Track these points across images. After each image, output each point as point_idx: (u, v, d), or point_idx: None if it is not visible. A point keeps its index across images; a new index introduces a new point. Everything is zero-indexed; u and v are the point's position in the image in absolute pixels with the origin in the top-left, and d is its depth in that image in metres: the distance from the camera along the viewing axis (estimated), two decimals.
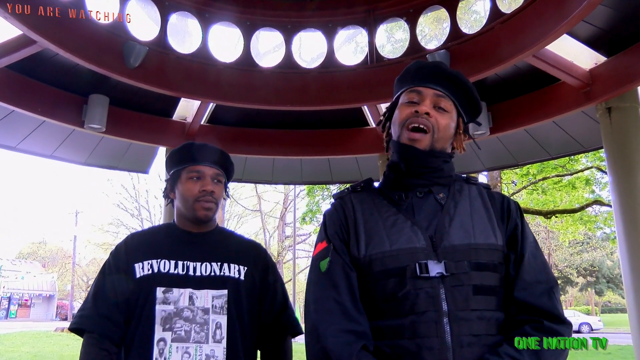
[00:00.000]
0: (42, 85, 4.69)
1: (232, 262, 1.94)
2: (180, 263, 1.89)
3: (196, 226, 1.99)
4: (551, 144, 5.54)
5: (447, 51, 4.46)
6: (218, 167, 2.01)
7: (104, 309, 1.83)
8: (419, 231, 1.37)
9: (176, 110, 5.48)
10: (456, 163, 1.56)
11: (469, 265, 1.32)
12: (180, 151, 2.03)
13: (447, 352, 1.24)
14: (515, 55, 3.99)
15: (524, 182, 19.63)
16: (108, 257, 1.99)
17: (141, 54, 4.30)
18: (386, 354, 1.28)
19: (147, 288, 1.83)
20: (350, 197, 1.52)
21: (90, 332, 1.82)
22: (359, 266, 1.37)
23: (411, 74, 1.52)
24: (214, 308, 1.84)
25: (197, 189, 1.93)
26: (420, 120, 1.42)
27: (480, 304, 1.31)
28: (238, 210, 31.44)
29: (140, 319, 1.81)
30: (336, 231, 1.45)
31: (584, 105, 4.43)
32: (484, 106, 5.03)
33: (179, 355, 1.77)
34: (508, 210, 1.48)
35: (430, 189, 1.46)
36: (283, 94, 4.85)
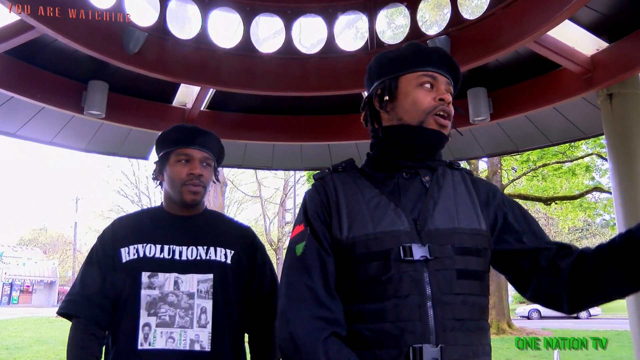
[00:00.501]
0: (41, 71, 4.67)
1: (219, 246, 1.93)
2: (166, 247, 1.88)
3: (184, 209, 1.97)
4: (551, 131, 5.52)
5: (447, 37, 4.44)
6: (207, 151, 1.99)
7: (91, 294, 1.84)
8: (403, 214, 1.35)
9: (176, 96, 5.46)
10: (456, 149, 1.56)
11: (452, 249, 1.32)
12: (169, 133, 2.01)
13: (430, 336, 1.24)
14: (517, 41, 3.97)
15: (524, 168, 19.64)
16: (95, 242, 1.99)
17: (140, 40, 4.28)
18: (367, 338, 1.27)
19: (132, 273, 1.83)
20: (332, 177, 1.49)
21: (78, 317, 1.83)
22: (341, 248, 1.34)
23: (421, 56, 1.48)
24: (199, 292, 1.83)
25: (185, 172, 1.91)
26: (446, 109, 1.44)
27: (464, 288, 1.31)
28: (238, 197, 31.53)
29: (126, 304, 1.82)
30: (317, 212, 1.42)
31: (585, 91, 4.41)
32: (485, 92, 5.01)
33: (164, 340, 1.76)
34: (493, 196, 1.50)
35: (417, 171, 1.46)
36: (283, 79, 4.83)
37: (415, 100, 1.44)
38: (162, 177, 2.01)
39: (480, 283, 1.36)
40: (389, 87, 1.48)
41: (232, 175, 27.93)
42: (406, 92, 1.46)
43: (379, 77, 1.52)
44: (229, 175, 25.39)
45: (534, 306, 28.77)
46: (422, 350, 1.22)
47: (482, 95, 5.00)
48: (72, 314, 1.85)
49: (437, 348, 1.23)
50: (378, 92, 1.51)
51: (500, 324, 17.64)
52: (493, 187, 1.55)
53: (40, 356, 12.10)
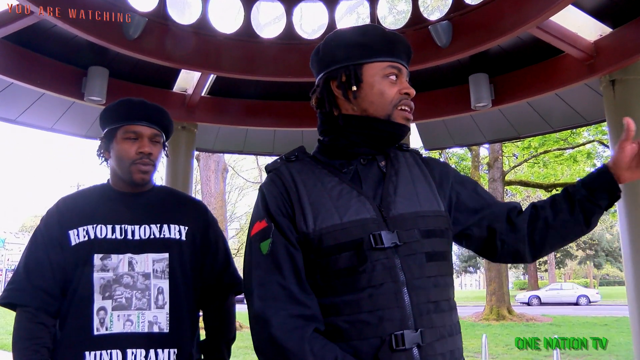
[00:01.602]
0: (41, 57, 4.65)
1: (173, 223, 1.85)
2: (117, 227, 1.79)
3: (132, 187, 1.88)
4: (553, 117, 5.51)
5: (449, 22, 4.41)
6: (156, 127, 1.88)
7: (38, 281, 1.73)
8: (367, 201, 1.33)
9: (176, 82, 5.44)
10: (457, 135, 1.56)
11: (419, 233, 1.31)
12: (116, 108, 1.89)
13: (408, 321, 1.23)
14: (519, 27, 3.94)
15: (525, 155, 19.61)
16: (39, 224, 1.86)
17: (140, 26, 4.25)
18: (343, 330, 1.25)
19: (83, 256, 1.73)
20: (287, 167, 1.42)
21: (23, 306, 1.72)
22: (308, 242, 1.30)
23: (388, 45, 1.42)
24: (155, 272, 1.76)
25: (134, 150, 1.81)
26: (410, 103, 1.41)
27: (434, 271, 1.31)
28: (239, 183, 31.52)
29: (78, 289, 1.72)
30: (278, 206, 1.35)
31: (588, 77, 4.39)
32: (486, 78, 4.99)
33: (121, 324, 1.69)
34: (446, 176, 1.51)
35: (374, 156, 1.43)
36: (284, 65, 4.81)
37: (381, 93, 1.39)
38: (108, 154, 1.89)
39: (447, 263, 1.37)
40: (355, 75, 1.40)
41: (233, 161, 27.94)
42: (371, 82, 1.39)
43: (340, 62, 1.43)
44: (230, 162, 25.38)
45: (534, 292, 28.90)
46: (404, 336, 1.22)
47: (483, 81, 4.99)
48: (17, 303, 1.72)
49: (417, 332, 1.23)
50: (342, 78, 1.41)
51: (501, 310, 17.72)
52: (445, 166, 1.55)
53: None
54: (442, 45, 4.39)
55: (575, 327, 15.41)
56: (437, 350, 1.26)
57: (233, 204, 31.84)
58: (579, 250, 47.14)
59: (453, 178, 1.52)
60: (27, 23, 3.98)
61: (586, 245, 45.65)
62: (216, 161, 17.10)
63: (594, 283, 50.15)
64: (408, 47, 1.46)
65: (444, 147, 7.49)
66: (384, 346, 1.21)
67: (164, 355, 1.72)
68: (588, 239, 43.64)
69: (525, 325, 16.19)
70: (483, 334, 7.79)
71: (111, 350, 1.67)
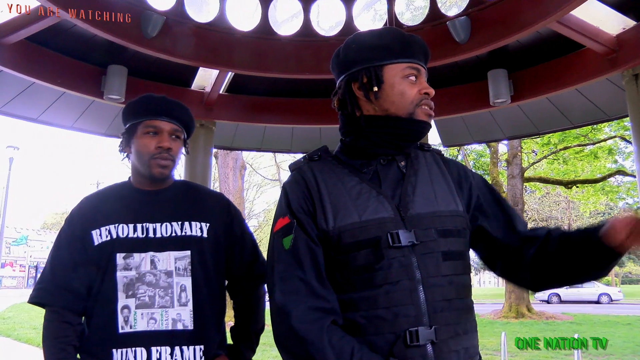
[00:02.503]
0: (61, 56, 4.71)
1: (194, 220, 1.86)
2: (139, 226, 1.80)
3: (152, 184, 1.89)
4: (573, 113, 5.43)
5: (467, 18, 4.37)
6: (177, 123, 1.90)
7: (62, 280, 1.76)
8: (385, 201, 1.37)
9: (195, 79, 5.47)
10: (476, 132, 1.56)
11: (435, 232, 1.35)
12: (137, 103, 1.90)
13: (423, 318, 1.27)
14: (539, 21, 3.89)
15: (544, 151, 19.40)
16: (63, 225, 1.89)
17: (158, 24, 4.28)
18: (361, 325, 1.29)
19: (106, 255, 1.76)
20: (309, 166, 1.47)
21: (51, 306, 1.76)
22: (328, 239, 1.35)
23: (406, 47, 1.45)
24: (177, 270, 1.78)
25: (154, 145, 1.82)
26: (430, 102, 1.44)
27: (450, 269, 1.34)
28: (257, 180, 31.64)
29: (101, 288, 1.75)
30: (300, 204, 1.40)
31: (610, 72, 4.32)
32: (505, 73, 4.94)
33: (145, 322, 1.71)
34: (465, 177, 1.53)
35: (394, 157, 1.46)
36: (301, 62, 4.81)
37: (402, 93, 1.42)
38: (129, 149, 1.90)
39: (463, 262, 1.40)
40: (376, 76, 1.44)
41: (251, 158, 28.06)
42: (392, 83, 1.43)
43: (360, 63, 1.47)
44: (247, 159, 25.49)
45: (553, 290, 28.57)
46: (418, 332, 1.26)
47: (502, 77, 4.94)
48: (44, 302, 1.77)
49: (431, 329, 1.27)
50: (364, 80, 1.45)
51: (520, 308, 17.55)
52: (464, 168, 1.58)
53: None
54: (461, 41, 4.35)
55: (597, 325, 15.20)
56: (452, 348, 1.29)
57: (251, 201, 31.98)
58: None
59: (472, 180, 1.55)
60: (48, 24, 4.03)
61: None
62: (234, 158, 17.18)
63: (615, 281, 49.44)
64: (425, 49, 1.49)
65: (463, 143, 7.44)
66: (398, 342, 1.26)
67: (190, 352, 1.74)
68: None
69: (545, 323, 16.02)
70: (502, 332, 7.72)
71: (136, 348, 1.70)
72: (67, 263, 1.78)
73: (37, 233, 47.93)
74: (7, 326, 14.39)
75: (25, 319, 16.47)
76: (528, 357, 8.51)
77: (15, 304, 22.30)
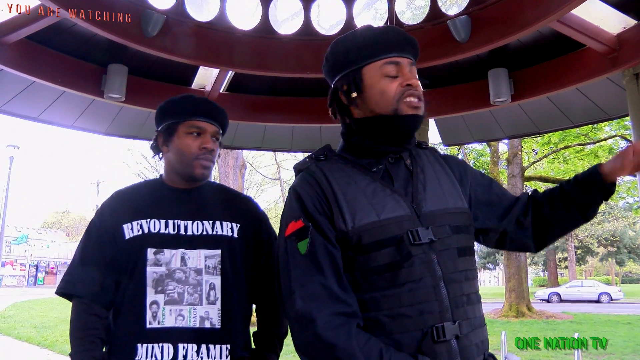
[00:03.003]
0: (62, 55, 4.70)
1: (225, 220, 1.86)
2: (170, 222, 1.80)
3: (186, 183, 1.90)
4: (574, 112, 5.43)
5: (468, 17, 4.37)
6: (217, 125, 1.92)
7: (92, 272, 1.76)
8: (401, 199, 1.37)
9: (195, 78, 5.47)
10: (477, 131, 1.57)
11: (449, 229, 1.37)
12: (178, 103, 1.91)
13: (447, 314, 1.29)
14: (539, 21, 3.88)
15: (545, 150, 19.40)
16: (93, 218, 1.90)
17: (159, 23, 4.28)
18: (384, 325, 1.28)
19: (137, 249, 1.76)
20: (319, 166, 1.45)
21: (79, 297, 1.76)
22: (347, 240, 1.32)
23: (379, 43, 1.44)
24: (207, 268, 1.78)
25: (197, 145, 1.84)
26: (415, 92, 1.41)
27: (464, 265, 1.37)
28: (257, 179, 31.65)
29: (131, 282, 1.75)
30: (315, 205, 1.36)
31: (610, 71, 4.32)
32: (506, 73, 4.94)
33: (173, 318, 1.71)
34: (465, 173, 1.56)
35: (401, 155, 1.47)
36: (302, 61, 4.81)
37: (382, 91, 1.41)
38: (166, 148, 1.90)
39: (472, 258, 1.44)
40: (354, 82, 1.45)
41: (251, 157, 28.04)
42: (372, 83, 1.42)
43: (341, 70, 1.49)
44: (248, 158, 25.49)
45: (553, 290, 28.61)
46: (444, 328, 1.26)
47: (503, 76, 4.93)
48: (72, 293, 1.78)
49: (456, 324, 1.28)
50: (344, 88, 1.47)
51: (520, 307, 17.57)
52: (463, 164, 1.59)
53: (65, 335, 12.36)
54: (461, 40, 4.35)
55: (597, 325, 15.21)
56: (472, 341, 1.32)
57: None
58: (600, 246, 46.49)
59: (471, 175, 1.57)
60: (48, 23, 4.03)
61: (608, 241, 45.00)
62: (234, 157, 17.18)
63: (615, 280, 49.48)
64: (406, 37, 1.46)
65: (463, 142, 7.44)
66: (426, 338, 1.26)
67: (216, 351, 1.73)
68: (610, 235, 42.99)
69: (545, 322, 16.03)
70: (502, 331, 7.73)
71: (163, 344, 1.70)
72: (96, 256, 1.80)
73: (37, 232, 47.97)
74: (8, 325, 14.40)
75: (25, 317, 16.49)
76: (528, 356, 8.51)
77: (16, 303, 22.32)
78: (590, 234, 39.75)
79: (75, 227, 55.04)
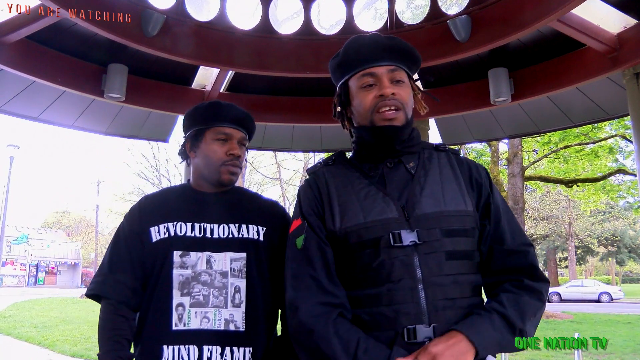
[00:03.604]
0: (62, 55, 4.71)
1: (251, 223, 1.87)
2: (197, 225, 1.83)
3: (213, 187, 1.92)
4: (574, 111, 5.43)
5: (468, 17, 4.37)
6: (244, 131, 1.94)
7: (120, 275, 1.79)
8: (391, 202, 1.41)
9: (195, 78, 5.47)
10: (477, 130, 1.55)
11: (440, 232, 1.37)
12: (206, 109, 1.93)
13: (423, 317, 1.30)
14: (540, 20, 3.89)
15: (545, 150, 19.39)
16: (122, 221, 1.93)
17: (159, 23, 4.28)
18: (365, 321, 1.34)
19: (163, 252, 1.78)
20: (324, 171, 1.56)
21: (107, 299, 1.80)
22: (336, 239, 1.42)
23: (353, 57, 1.50)
24: (232, 271, 1.79)
25: (224, 151, 1.86)
26: (389, 102, 1.43)
27: (454, 269, 1.36)
28: (257, 179, 31.68)
29: (157, 284, 1.77)
30: (311, 207, 1.49)
31: (610, 70, 4.32)
32: (506, 72, 4.94)
33: (198, 321, 1.73)
34: (478, 177, 1.52)
35: (400, 159, 1.49)
36: (302, 61, 4.81)
37: (360, 103, 1.48)
38: (193, 154, 1.93)
39: (470, 262, 1.41)
40: (342, 95, 1.55)
41: (251, 157, 28.03)
42: (354, 95, 1.51)
43: (336, 83, 1.59)
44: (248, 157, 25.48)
45: (553, 289, 28.59)
46: (416, 330, 1.29)
47: (503, 75, 4.93)
48: (101, 295, 1.80)
49: (430, 327, 1.29)
50: (335, 100, 1.58)
51: None
52: (479, 168, 1.56)
53: (66, 335, 12.37)
54: (461, 39, 4.35)
55: (597, 324, 15.19)
56: None
57: None
58: (601, 246, 46.47)
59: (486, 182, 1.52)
60: (48, 22, 4.03)
61: (608, 241, 44.99)
62: None
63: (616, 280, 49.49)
64: (381, 45, 1.49)
65: (463, 142, 7.43)
66: (398, 338, 1.29)
67: (239, 353, 1.74)
68: (610, 235, 42.98)
69: (545, 322, 16.01)
70: None
71: (188, 346, 1.72)
72: (124, 258, 1.82)
73: (37, 232, 47.94)
74: (8, 325, 14.39)
75: (26, 317, 16.48)
76: (528, 356, 8.51)
77: (16, 303, 22.32)
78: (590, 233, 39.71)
79: (76, 226, 55.03)
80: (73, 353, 9.99)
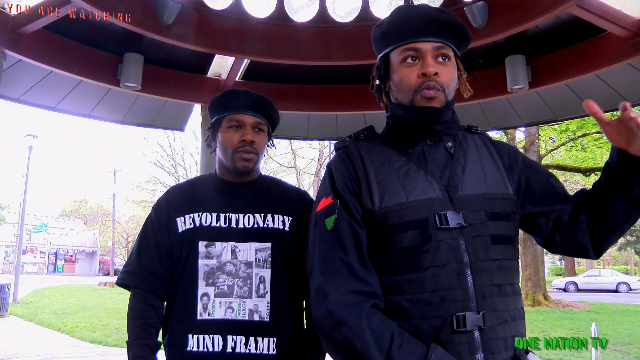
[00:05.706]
0: (78, 45, 4.74)
1: (276, 213, 1.87)
2: (222, 215, 1.84)
3: (237, 176, 1.92)
4: (593, 99, 5.18)
5: (485, 3, 4.31)
6: (260, 116, 1.93)
7: (148, 265, 1.83)
8: (434, 181, 1.33)
9: (211, 67, 5.47)
10: (494, 118, 1.52)
11: (485, 215, 1.31)
12: (220, 98, 1.95)
13: (471, 303, 1.23)
14: (558, 6, 3.82)
15: (562, 138, 19.15)
16: (150, 212, 1.96)
17: (174, 11, 4.28)
18: (404, 309, 1.25)
19: (189, 242, 1.80)
20: (356, 145, 1.45)
21: (136, 288, 1.83)
22: (373, 219, 1.31)
23: (398, 28, 1.40)
24: (257, 261, 1.79)
25: (237, 138, 1.86)
26: (431, 84, 1.34)
27: (499, 254, 1.30)
28: (273, 167, 31.69)
29: (183, 274, 1.80)
30: (345, 184, 1.37)
31: (632, 56, 4.24)
32: (523, 59, 4.87)
33: (223, 310, 1.75)
34: (515, 159, 1.48)
35: (441, 137, 1.43)
36: (318, 48, 4.79)
37: (401, 79, 1.39)
38: (215, 143, 1.96)
39: (512, 247, 1.35)
40: (382, 67, 1.46)
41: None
42: (395, 70, 1.42)
43: (377, 53, 1.50)
44: None
45: (570, 279, 28.39)
46: (466, 317, 1.21)
47: (520, 62, 4.87)
48: (130, 284, 1.85)
49: (479, 315, 1.22)
50: (374, 73, 1.50)
51: (536, 296, 17.46)
52: (514, 150, 1.52)
53: (85, 321, 12.60)
54: (478, 26, 4.30)
55: (615, 314, 15.07)
56: (499, 334, 1.25)
57: None
58: None
59: (523, 163, 1.49)
60: (65, 12, 4.05)
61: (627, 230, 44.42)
62: None
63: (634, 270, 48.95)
64: (426, 18, 1.39)
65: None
66: (445, 326, 1.22)
67: (264, 343, 1.75)
68: None
69: (561, 311, 15.93)
70: None
71: (213, 335, 1.74)
72: (152, 249, 1.85)
73: (56, 220, 48.63)
74: (30, 311, 14.68)
75: (46, 304, 16.78)
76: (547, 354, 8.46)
77: (37, 290, 22.72)
78: None
79: (93, 215, 55.72)
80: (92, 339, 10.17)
